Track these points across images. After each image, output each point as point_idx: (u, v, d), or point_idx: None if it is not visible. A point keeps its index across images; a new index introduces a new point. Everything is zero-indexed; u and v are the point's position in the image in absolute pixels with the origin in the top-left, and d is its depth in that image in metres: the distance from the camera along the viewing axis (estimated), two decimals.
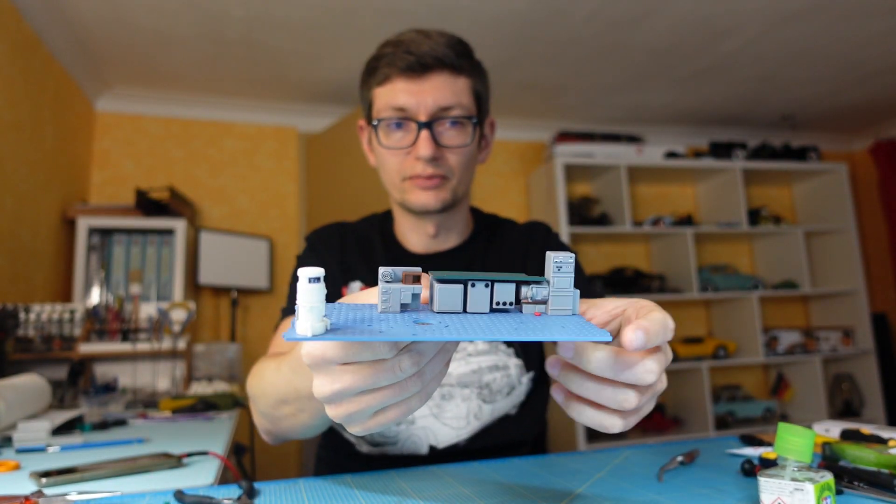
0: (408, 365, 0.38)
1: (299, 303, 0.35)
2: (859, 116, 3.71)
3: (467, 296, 0.39)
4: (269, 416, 0.69)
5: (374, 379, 0.38)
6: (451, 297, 0.39)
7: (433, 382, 0.42)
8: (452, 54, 0.87)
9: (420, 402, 0.41)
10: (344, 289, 0.95)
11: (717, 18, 2.43)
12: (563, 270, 0.40)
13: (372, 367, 0.38)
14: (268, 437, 0.76)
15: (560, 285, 0.40)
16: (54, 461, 0.85)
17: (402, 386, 0.40)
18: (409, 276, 0.39)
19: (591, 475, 0.65)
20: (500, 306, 0.40)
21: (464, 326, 0.37)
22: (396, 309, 0.39)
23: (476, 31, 2.44)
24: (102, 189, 2.89)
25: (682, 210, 3.77)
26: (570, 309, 0.40)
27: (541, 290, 0.40)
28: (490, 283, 0.40)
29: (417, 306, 0.40)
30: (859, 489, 0.56)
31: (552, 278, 0.40)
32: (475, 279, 0.39)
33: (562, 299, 0.40)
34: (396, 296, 0.39)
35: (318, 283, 0.35)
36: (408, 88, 0.86)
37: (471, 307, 0.40)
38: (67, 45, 2.39)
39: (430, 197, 0.89)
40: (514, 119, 3.52)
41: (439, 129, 0.88)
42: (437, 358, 0.41)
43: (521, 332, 0.36)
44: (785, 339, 3.50)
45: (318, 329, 0.35)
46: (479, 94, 0.92)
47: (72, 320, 1.86)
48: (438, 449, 0.89)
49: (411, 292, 0.39)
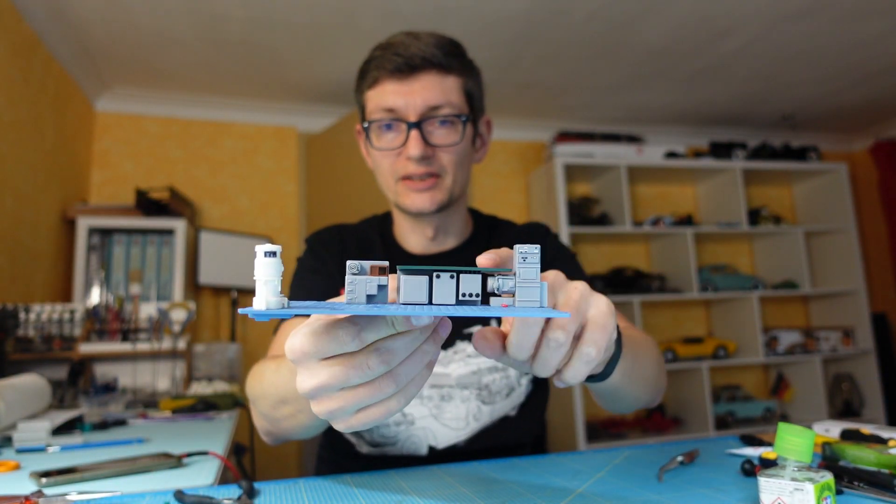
0: (375, 363, 0.38)
1: (255, 277, 0.35)
2: (859, 116, 3.71)
3: (433, 287, 0.39)
4: (269, 417, 0.70)
5: (345, 375, 0.39)
6: (415, 287, 0.39)
7: (412, 385, 0.41)
8: (440, 54, 0.87)
9: (399, 404, 0.41)
10: (342, 290, 0.95)
11: (717, 18, 2.43)
12: (528, 261, 0.40)
13: (342, 363, 0.39)
14: (268, 438, 0.76)
15: (526, 276, 0.40)
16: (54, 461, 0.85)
17: (376, 386, 0.40)
18: (376, 269, 0.39)
19: (591, 475, 0.65)
20: (467, 298, 0.40)
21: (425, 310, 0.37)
22: (362, 300, 0.39)
23: (476, 31, 2.44)
24: (102, 189, 2.89)
25: (682, 210, 3.77)
26: (538, 300, 0.40)
27: (507, 282, 0.40)
28: (456, 274, 0.39)
29: (385, 298, 0.40)
30: (859, 489, 0.56)
31: (518, 269, 0.40)
32: (440, 270, 0.39)
33: (528, 290, 0.40)
34: (362, 287, 0.39)
35: (273, 257, 0.36)
36: (396, 89, 0.87)
37: (436, 298, 0.39)
38: (67, 45, 2.39)
39: (424, 199, 0.89)
40: (514, 119, 3.52)
41: (429, 129, 0.88)
42: (412, 359, 0.40)
43: (468, 310, 0.36)
44: (785, 339, 3.50)
45: (274, 304, 0.35)
46: (470, 92, 0.92)
47: (72, 320, 1.86)
48: (438, 450, 0.89)
49: (377, 283, 0.39)
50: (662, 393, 0.83)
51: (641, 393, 0.71)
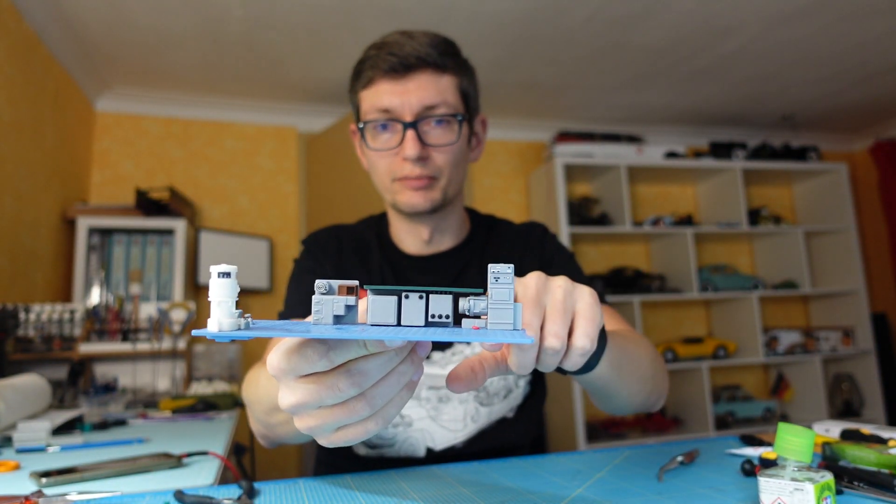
0: (346, 384, 0.38)
1: (210, 297, 0.35)
2: (859, 116, 3.71)
3: (401, 307, 0.38)
4: (264, 423, 0.70)
5: (318, 395, 0.38)
6: (383, 308, 0.38)
7: (390, 406, 0.41)
8: (435, 53, 0.87)
9: (377, 425, 0.41)
10: None
11: (717, 18, 2.43)
12: (500, 282, 0.38)
13: (315, 382, 0.38)
14: (263, 442, 0.76)
15: (498, 297, 0.38)
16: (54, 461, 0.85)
17: (349, 407, 0.39)
18: (344, 288, 0.38)
19: (591, 475, 0.65)
20: (436, 319, 0.38)
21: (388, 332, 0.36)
22: (329, 321, 0.38)
23: (476, 31, 2.44)
24: (102, 189, 2.89)
25: (682, 210, 3.77)
26: (511, 322, 0.38)
27: (478, 303, 0.39)
28: (425, 294, 0.38)
29: (354, 319, 0.39)
30: (859, 489, 0.56)
31: (490, 290, 0.38)
32: (409, 290, 0.38)
33: (501, 312, 0.38)
34: (329, 306, 0.38)
35: (227, 278, 0.35)
36: (391, 89, 0.86)
37: (405, 319, 0.38)
38: (67, 45, 2.39)
39: (419, 198, 0.89)
40: (514, 119, 3.52)
41: (425, 129, 0.87)
42: (387, 381, 0.40)
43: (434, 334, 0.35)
44: (785, 339, 3.50)
45: (227, 325, 0.34)
46: (465, 92, 0.92)
47: (72, 320, 1.86)
48: (435, 451, 0.89)
49: (344, 303, 0.38)
50: (663, 396, 0.81)
51: (635, 390, 0.70)
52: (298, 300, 0.93)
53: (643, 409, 0.79)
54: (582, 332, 0.45)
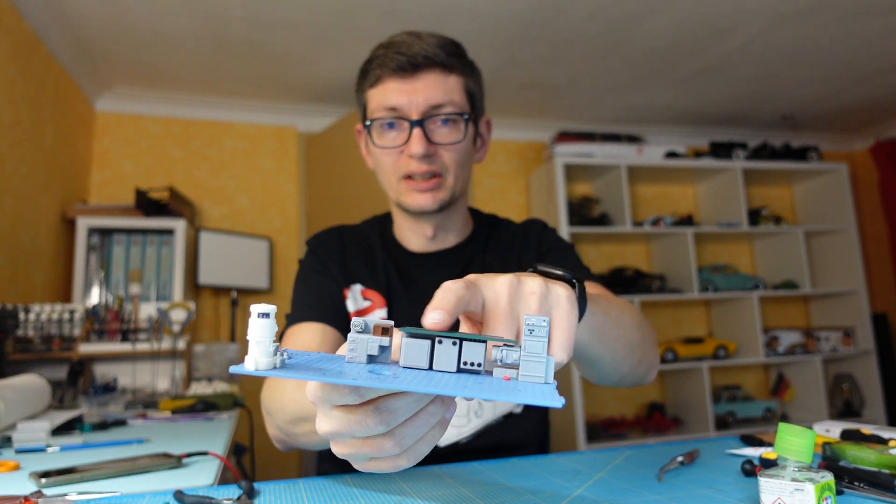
0: (373, 422, 0.38)
1: (248, 336, 0.35)
2: (859, 116, 3.71)
3: (434, 352, 0.38)
4: (287, 431, 0.70)
5: (348, 427, 0.38)
6: (416, 352, 0.38)
7: (421, 445, 0.41)
8: (443, 53, 0.88)
9: (408, 462, 0.41)
10: (346, 290, 0.95)
11: (717, 18, 2.43)
12: (535, 334, 0.38)
13: (346, 416, 0.39)
14: (280, 446, 0.77)
15: (532, 350, 0.38)
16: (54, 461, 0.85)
17: (377, 444, 0.39)
18: (379, 328, 0.39)
19: (591, 475, 0.65)
20: (468, 367, 0.38)
21: (417, 382, 0.35)
22: (363, 360, 0.38)
23: (476, 31, 2.44)
24: (102, 189, 2.89)
25: (683, 210, 3.77)
26: (543, 376, 0.37)
27: (511, 353, 0.38)
28: (458, 340, 0.38)
29: (386, 359, 0.39)
30: (860, 489, 0.56)
31: (524, 342, 0.38)
32: (443, 336, 0.38)
33: (533, 365, 0.38)
34: (363, 346, 0.38)
35: (266, 318, 0.35)
36: (399, 88, 0.87)
37: (437, 364, 0.38)
38: (67, 45, 2.39)
39: (426, 199, 0.89)
40: (514, 119, 3.52)
41: (431, 127, 0.88)
42: (416, 420, 0.39)
43: (464, 391, 0.34)
44: (785, 339, 3.50)
45: (264, 364, 0.35)
46: (471, 92, 0.92)
47: (71, 320, 1.86)
48: (440, 447, 0.89)
49: (378, 344, 0.38)
50: (654, 367, 0.79)
51: (620, 356, 0.68)
52: (307, 302, 0.93)
53: (633, 381, 0.76)
54: (558, 344, 0.43)
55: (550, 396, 0.35)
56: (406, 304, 0.94)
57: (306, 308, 0.92)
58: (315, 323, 0.89)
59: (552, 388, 0.37)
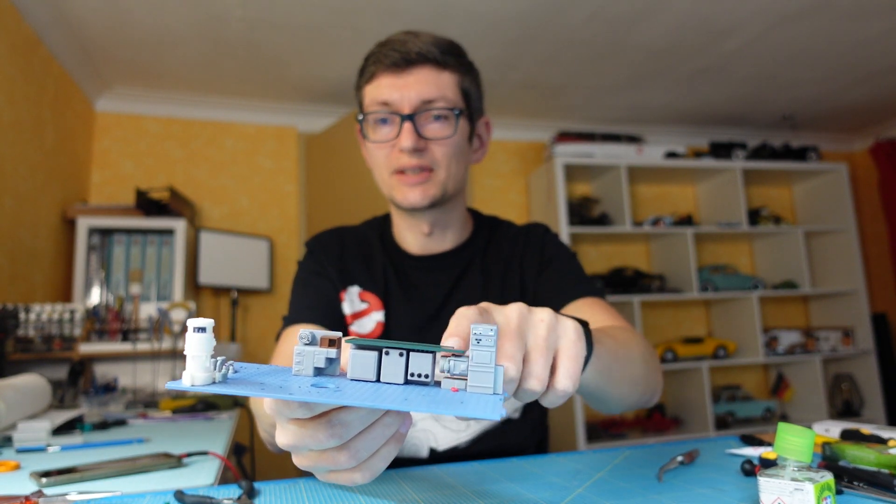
0: (324, 435, 0.37)
1: (185, 351, 0.35)
2: (859, 116, 3.71)
3: (381, 364, 0.38)
4: (272, 435, 0.70)
5: (302, 440, 0.38)
6: (363, 363, 0.38)
7: (377, 459, 0.40)
8: (437, 50, 0.88)
9: (364, 478, 0.40)
10: (342, 293, 0.95)
11: (717, 18, 2.43)
12: (482, 343, 0.37)
13: (300, 430, 0.38)
14: (271, 448, 0.77)
15: (479, 360, 0.37)
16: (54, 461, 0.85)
17: (332, 457, 0.39)
18: (326, 340, 0.38)
19: (591, 475, 0.65)
20: (416, 378, 0.38)
21: (360, 393, 0.35)
22: (309, 372, 0.38)
23: (476, 31, 2.44)
24: (102, 189, 2.89)
25: (682, 210, 3.77)
26: (491, 387, 0.37)
27: (458, 364, 0.37)
28: (405, 352, 0.38)
29: (334, 371, 0.39)
30: (859, 489, 0.56)
31: (471, 352, 0.37)
32: (390, 346, 0.37)
33: (481, 375, 0.37)
34: (310, 359, 0.38)
35: (203, 332, 0.35)
36: (392, 83, 0.87)
37: (385, 377, 0.38)
38: (67, 45, 2.39)
39: (416, 193, 0.89)
40: (514, 119, 3.52)
41: (422, 122, 0.88)
42: (370, 432, 0.39)
43: (402, 405, 0.33)
44: (785, 339, 3.50)
45: (200, 380, 0.35)
46: (467, 91, 0.92)
47: (72, 320, 1.86)
48: (439, 451, 0.89)
49: (325, 356, 0.38)
50: (657, 393, 0.80)
51: (626, 393, 0.69)
52: (304, 304, 0.93)
53: (636, 407, 0.77)
54: (565, 373, 0.42)
55: (492, 408, 0.34)
56: (403, 307, 0.94)
57: (303, 309, 0.92)
58: (312, 325, 0.89)
59: (496, 400, 0.36)
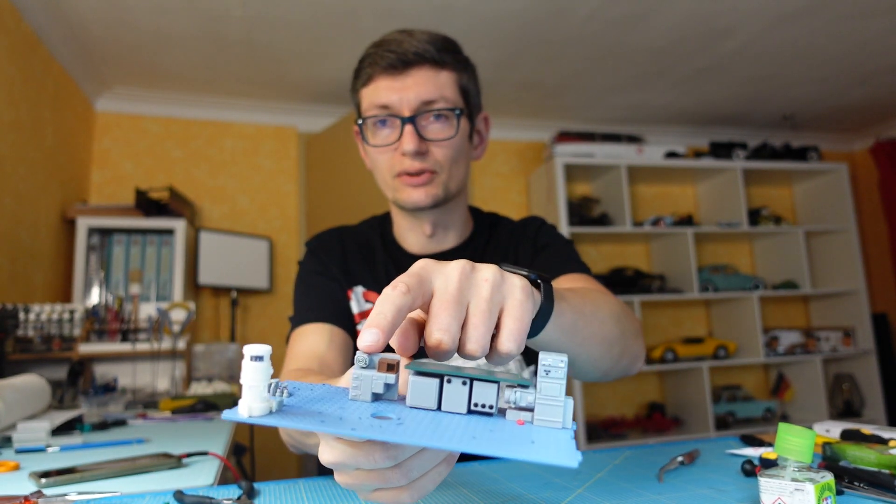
0: (380, 456, 0.36)
1: (241, 380, 0.34)
2: (860, 116, 3.71)
3: (443, 392, 0.36)
4: (297, 439, 0.69)
5: (354, 460, 0.37)
6: (424, 391, 0.36)
7: (426, 481, 0.39)
8: (433, 49, 0.87)
9: (411, 499, 0.39)
10: (349, 292, 0.95)
11: (717, 18, 2.43)
12: (551, 375, 0.35)
13: (352, 447, 0.37)
14: (292, 449, 0.76)
15: (548, 392, 0.35)
16: (54, 461, 0.85)
17: (383, 476, 0.38)
18: (385, 364, 0.36)
19: (591, 475, 0.65)
20: (479, 409, 0.36)
21: (423, 427, 0.33)
22: (367, 398, 0.36)
23: (476, 31, 2.44)
24: (102, 189, 2.89)
25: (683, 210, 3.77)
26: (560, 421, 0.35)
27: (525, 396, 0.36)
28: (469, 380, 0.36)
29: (393, 395, 0.37)
30: (860, 489, 0.56)
31: (539, 384, 0.35)
32: (452, 375, 0.36)
33: (549, 409, 0.35)
34: (368, 384, 0.36)
35: (260, 361, 0.33)
36: (390, 85, 0.87)
37: (446, 405, 0.36)
38: (67, 45, 2.39)
39: (420, 194, 0.88)
40: (514, 119, 3.52)
41: (423, 124, 0.87)
42: (423, 455, 0.38)
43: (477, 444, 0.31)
44: (785, 340, 3.50)
45: (258, 410, 0.33)
46: (465, 88, 0.92)
47: (71, 320, 1.86)
48: None
49: (384, 381, 0.36)
50: (639, 359, 0.76)
51: (598, 354, 0.65)
52: (311, 304, 0.92)
53: (616, 374, 0.73)
54: (507, 334, 0.40)
55: (566, 454, 0.31)
56: None
57: (310, 309, 0.91)
58: (321, 324, 0.89)
59: (569, 442, 0.34)
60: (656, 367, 3.18)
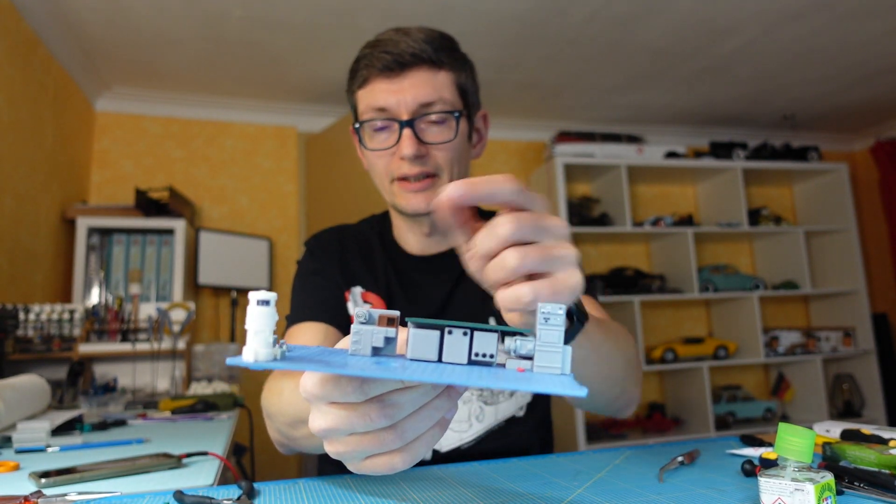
0: (377, 415, 0.37)
1: (247, 325, 0.34)
2: (860, 116, 3.71)
3: (443, 343, 0.37)
4: (286, 434, 0.69)
5: (349, 422, 0.37)
6: (425, 343, 0.37)
7: (419, 444, 0.39)
8: (430, 49, 0.85)
9: (404, 462, 0.39)
10: (347, 292, 0.95)
11: (717, 18, 2.43)
12: (550, 322, 0.36)
13: (346, 410, 0.38)
14: (281, 449, 0.76)
15: (547, 339, 0.36)
16: (54, 461, 0.85)
17: (379, 438, 0.38)
18: (384, 319, 0.37)
19: (591, 475, 0.65)
20: (480, 358, 0.37)
21: (429, 373, 0.33)
22: (367, 352, 0.37)
23: (476, 31, 2.44)
24: (102, 189, 2.89)
25: (683, 210, 3.77)
26: (559, 367, 0.36)
27: (525, 344, 0.37)
28: (469, 331, 0.36)
29: (392, 351, 0.38)
30: (860, 489, 0.56)
31: (538, 331, 0.36)
32: (453, 326, 0.36)
33: (549, 356, 0.36)
34: (368, 338, 0.37)
35: (266, 306, 0.33)
36: (387, 88, 0.85)
37: (447, 356, 0.37)
38: (67, 45, 2.39)
39: (419, 200, 0.87)
40: (514, 119, 3.52)
41: (422, 127, 0.85)
42: (419, 414, 0.38)
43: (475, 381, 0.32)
44: (785, 340, 3.50)
45: (263, 356, 0.33)
46: (463, 87, 0.90)
47: (71, 320, 1.86)
48: (441, 453, 0.88)
49: (384, 335, 0.37)
50: (633, 404, 0.77)
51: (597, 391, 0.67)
52: (308, 303, 0.92)
53: (608, 413, 0.75)
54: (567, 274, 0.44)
55: (570, 385, 0.33)
56: (406, 308, 0.93)
57: (306, 308, 0.91)
58: (317, 323, 0.88)
59: (571, 378, 0.35)
60: (656, 367, 3.18)
